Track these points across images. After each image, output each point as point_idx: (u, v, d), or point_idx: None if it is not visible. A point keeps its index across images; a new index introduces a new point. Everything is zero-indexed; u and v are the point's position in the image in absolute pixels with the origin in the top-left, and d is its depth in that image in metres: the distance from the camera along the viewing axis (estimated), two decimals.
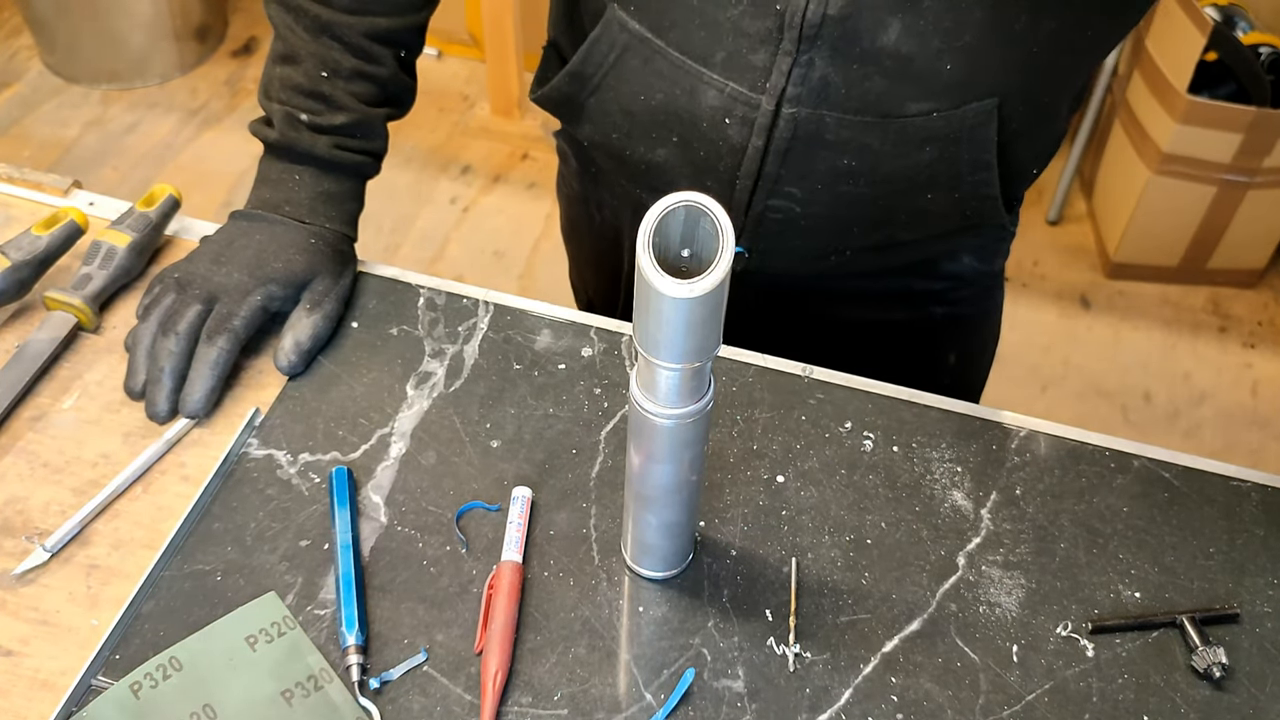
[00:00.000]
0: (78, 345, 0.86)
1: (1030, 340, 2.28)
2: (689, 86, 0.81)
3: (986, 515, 0.79)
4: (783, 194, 0.84)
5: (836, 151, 0.81)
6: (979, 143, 0.81)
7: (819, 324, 1.00)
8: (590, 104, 0.89)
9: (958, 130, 0.80)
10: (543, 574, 0.74)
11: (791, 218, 0.86)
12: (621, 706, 0.68)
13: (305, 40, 0.87)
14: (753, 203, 0.85)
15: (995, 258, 1.02)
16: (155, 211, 0.91)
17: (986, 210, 0.88)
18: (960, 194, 0.86)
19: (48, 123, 2.62)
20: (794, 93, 0.78)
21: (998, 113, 0.80)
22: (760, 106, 0.79)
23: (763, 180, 0.83)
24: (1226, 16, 2.23)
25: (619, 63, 0.84)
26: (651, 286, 0.54)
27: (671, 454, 0.65)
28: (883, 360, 0.95)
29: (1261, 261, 2.38)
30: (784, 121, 0.79)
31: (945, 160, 0.82)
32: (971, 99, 0.79)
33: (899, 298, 1.00)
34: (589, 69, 0.86)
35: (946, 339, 1.05)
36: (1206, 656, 0.71)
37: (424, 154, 2.60)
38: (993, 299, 1.07)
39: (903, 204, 0.86)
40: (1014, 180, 0.89)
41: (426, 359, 0.86)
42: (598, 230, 1.06)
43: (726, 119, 0.81)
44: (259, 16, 2.93)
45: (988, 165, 0.83)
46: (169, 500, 0.77)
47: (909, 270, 0.97)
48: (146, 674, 0.67)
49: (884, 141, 0.80)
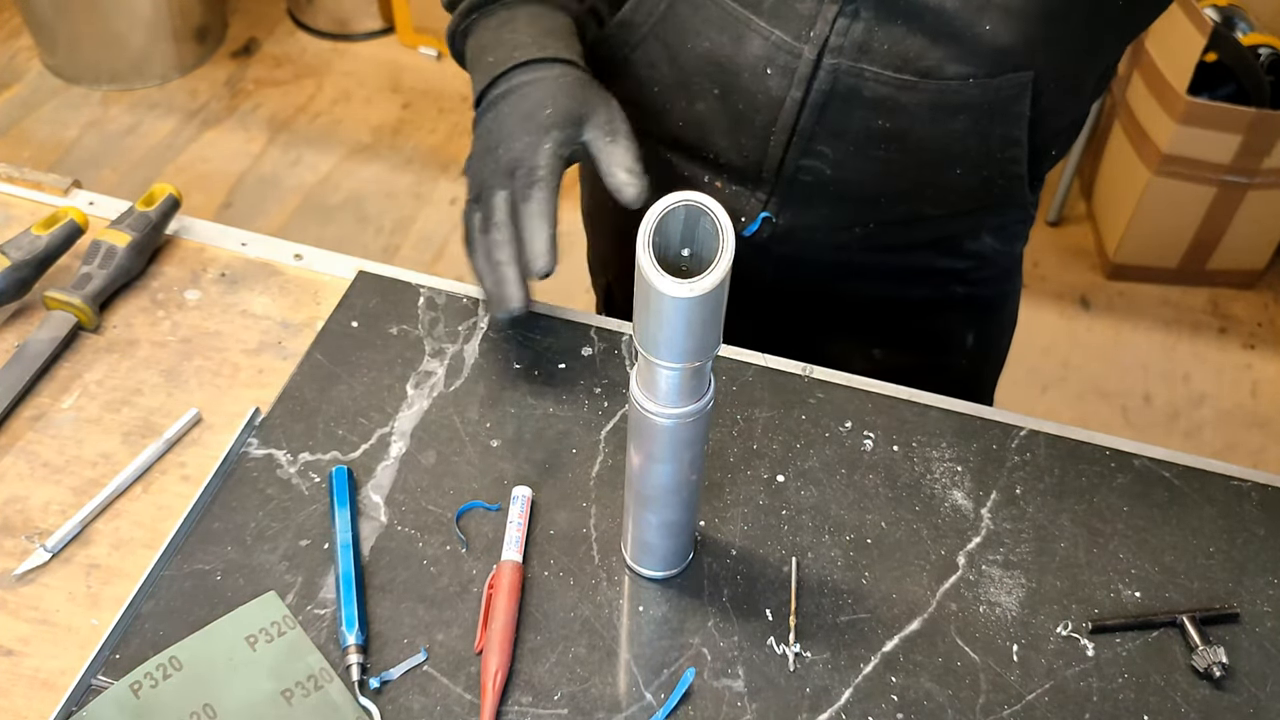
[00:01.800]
0: (78, 345, 0.86)
1: (1030, 341, 2.28)
2: (736, 34, 0.82)
3: (986, 515, 0.79)
4: (815, 153, 0.85)
5: (871, 110, 0.82)
6: (1011, 117, 0.83)
7: (837, 300, 1.00)
8: (635, 57, 0.89)
9: (992, 101, 0.81)
10: (543, 574, 0.74)
11: (822, 180, 0.87)
12: (621, 706, 0.68)
13: None
14: (785, 161, 0.86)
15: (1016, 240, 1.02)
16: (155, 211, 0.91)
17: (1013, 188, 0.89)
18: (988, 171, 0.87)
19: (48, 123, 2.62)
20: (836, 43, 0.79)
21: (1031, 88, 0.81)
22: (802, 55, 0.80)
23: (797, 136, 0.84)
24: (1226, 17, 2.23)
25: (669, 10, 0.85)
26: (651, 286, 0.54)
27: (671, 454, 0.65)
28: (900, 338, 0.95)
29: (1261, 262, 2.38)
30: (824, 73, 0.81)
31: (977, 132, 0.83)
32: (1008, 68, 0.80)
33: (920, 274, 1.00)
34: (639, 17, 0.87)
35: (966, 319, 1.05)
36: (1206, 656, 0.71)
37: (424, 154, 2.60)
38: (1012, 283, 1.07)
39: (931, 176, 0.87)
40: (1039, 159, 0.90)
41: (426, 359, 0.86)
42: (620, 207, 1.05)
43: (768, 69, 0.82)
44: (259, 17, 2.94)
45: (1018, 141, 0.85)
46: (169, 500, 0.77)
47: (932, 246, 0.97)
48: (146, 674, 0.67)
49: (919, 104, 0.81)
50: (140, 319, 0.88)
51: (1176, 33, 2.14)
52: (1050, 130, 0.88)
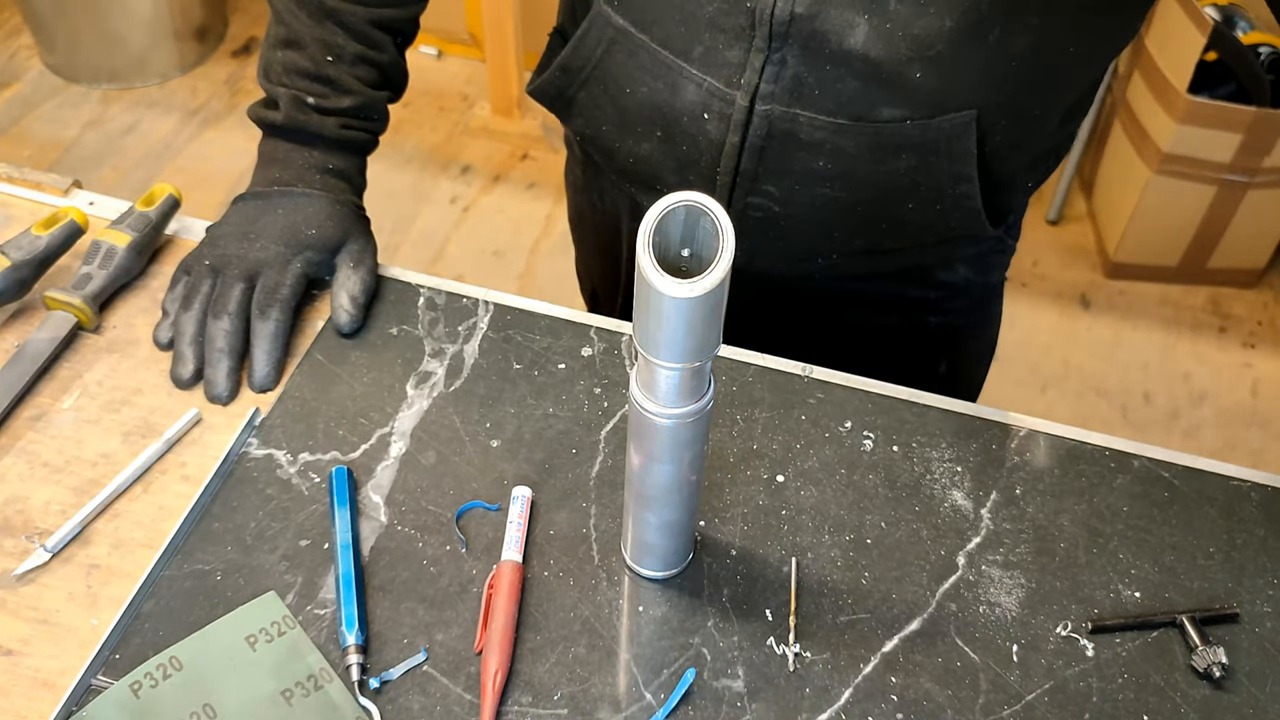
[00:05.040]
0: (78, 345, 0.86)
1: (1030, 340, 2.28)
2: (670, 81, 0.82)
3: (986, 515, 0.79)
4: (761, 192, 0.85)
5: (811, 152, 0.81)
6: (958, 154, 0.81)
7: (811, 325, 1.00)
8: (580, 97, 0.90)
9: (935, 140, 0.80)
10: (543, 574, 0.74)
11: (771, 216, 0.87)
12: (621, 706, 0.68)
13: (309, 25, 0.88)
14: (733, 200, 0.86)
15: (992, 270, 1.01)
16: (155, 211, 0.91)
17: (970, 223, 0.87)
18: (943, 205, 0.85)
19: (48, 123, 2.62)
20: (767, 90, 0.79)
21: (976, 125, 0.79)
22: (735, 102, 0.80)
23: (740, 177, 0.84)
24: (1226, 16, 2.23)
25: (605, 56, 0.85)
26: (651, 286, 0.54)
27: (671, 454, 0.65)
28: (873, 364, 0.95)
29: (1261, 261, 2.38)
30: (758, 118, 0.80)
31: (924, 170, 0.82)
32: (948, 109, 0.78)
33: (891, 303, 0.99)
34: (577, 62, 0.88)
35: (938, 348, 1.04)
36: (1206, 656, 0.71)
37: (424, 154, 2.60)
38: (988, 311, 1.06)
39: (883, 212, 0.86)
40: (1000, 192, 0.88)
41: (426, 359, 0.86)
42: (599, 219, 1.07)
43: (705, 114, 0.82)
44: (259, 16, 2.93)
45: (968, 178, 0.83)
46: (169, 500, 0.77)
47: (901, 277, 0.97)
48: (146, 674, 0.67)
49: (858, 146, 0.80)
50: (140, 319, 0.88)
51: (1176, 32, 2.14)
52: (1009, 164, 0.86)
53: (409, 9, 0.93)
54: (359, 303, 0.87)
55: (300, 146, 0.90)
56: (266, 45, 0.91)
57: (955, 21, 0.73)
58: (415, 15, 0.94)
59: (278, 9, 0.89)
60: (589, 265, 1.18)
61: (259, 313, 0.84)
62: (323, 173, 0.90)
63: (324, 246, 0.87)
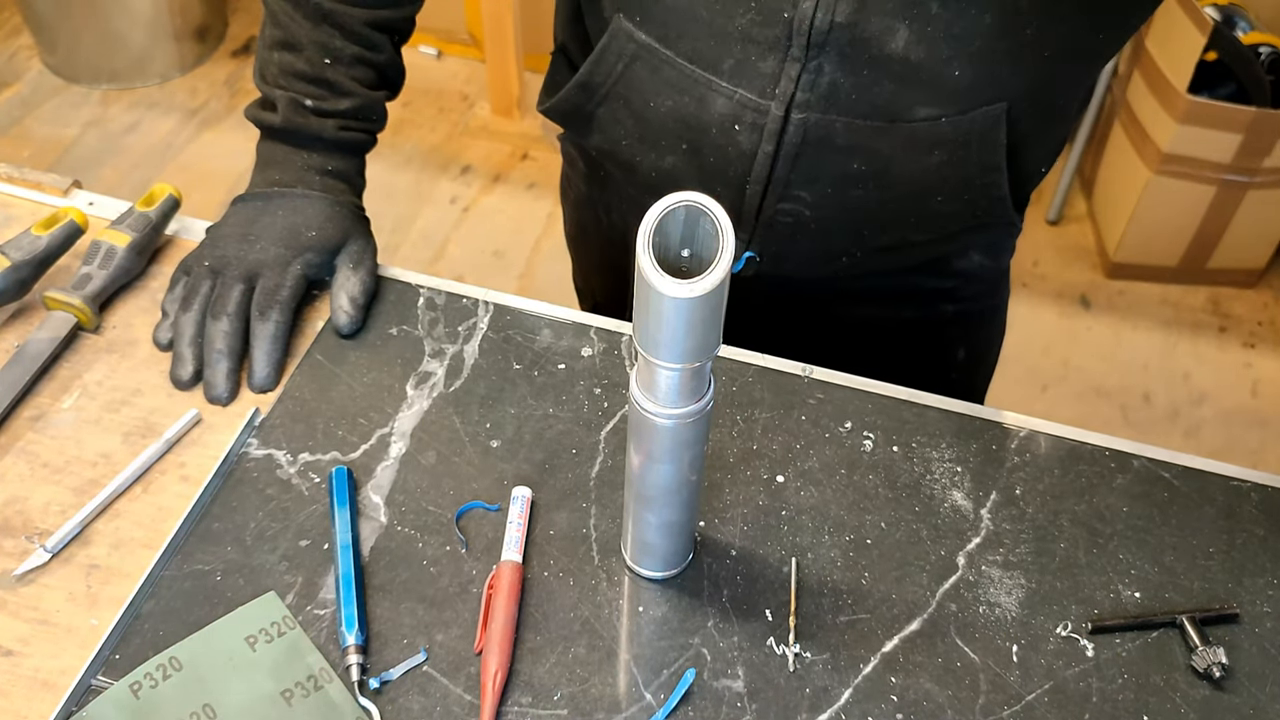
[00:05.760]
0: (78, 345, 0.86)
1: (1030, 340, 2.28)
2: (698, 95, 0.81)
3: (986, 515, 0.79)
4: (792, 198, 0.84)
5: (845, 155, 0.81)
6: (988, 146, 0.81)
7: (828, 322, 1.00)
8: (600, 114, 0.89)
9: (966, 134, 0.80)
10: (543, 574, 0.74)
11: (802, 221, 0.86)
12: (621, 706, 0.68)
13: (306, 27, 0.88)
14: (763, 207, 0.85)
15: (1002, 254, 1.02)
16: (155, 211, 0.91)
17: (997, 210, 0.88)
18: (970, 196, 0.86)
19: (48, 123, 2.62)
20: (803, 98, 0.78)
21: (1006, 117, 0.80)
22: (769, 113, 0.79)
23: (773, 185, 0.83)
24: (1226, 16, 2.23)
25: (627, 72, 0.84)
26: (651, 286, 0.54)
27: (671, 454, 0.65)
28: (891, 357, 0.95)
29: (1261, 261, 2.38)
30: (793, 127, 0.79)
31: (954, 164, 0.82)
32: (980, 104, 0.79)
33: (909, 296, 1.00)
34: (597, 79, 0.86)
35: (956, 335, 1.05)
36: (1206, 656, 0.71)
37: (424, 154, 2.60)
38: (1000, 294, 1.07)
39: (912, 207, 0.86)
40: (1023, 181, 0.89)
41: (426, 359, 0.86)
42: (606, 233, 1.06)
43: (736, 125, 0.81)
44: (258, 16, 2.93)
45: (997, 168, 0.83)
46: (169, 500, 0.77)
47: (920, 269, 0.97)
48: (146, 674, 0.67)
49: (893, 146, 0.80)
50: (140, 319, 0.88)
51: (1177, 31, 2.14)
52: (1034, 152, 0.87)
53: (406, 8, 0.92)
54: (359, 304, 0.87)
55: (299, 149, 0.90)
56: (262, 46, 0.91)
57: (994, 18, 0.73)
58: (412, 14, 0.94)
59: (273, 10, 0.89)
60: (590, 280, 1.18)
61: (259, 314, 0.84)
62: (322, 174, 0.90)
63: (324, 248, 0.87)
